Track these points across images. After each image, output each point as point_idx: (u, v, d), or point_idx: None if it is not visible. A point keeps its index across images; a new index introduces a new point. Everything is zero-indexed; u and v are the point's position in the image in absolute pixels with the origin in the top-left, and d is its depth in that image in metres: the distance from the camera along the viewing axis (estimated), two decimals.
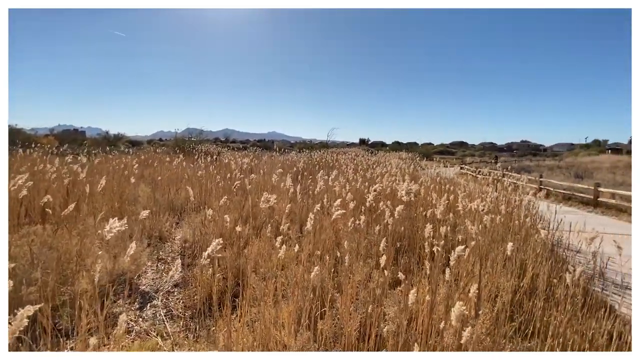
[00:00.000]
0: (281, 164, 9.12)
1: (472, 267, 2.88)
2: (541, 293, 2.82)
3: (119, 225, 1.73)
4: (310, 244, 3.48)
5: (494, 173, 9.42)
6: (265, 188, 6.84)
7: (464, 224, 3.14)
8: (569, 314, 2.40)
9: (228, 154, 14.38)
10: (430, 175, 9.16)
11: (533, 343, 2.37)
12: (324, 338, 2.06)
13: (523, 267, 3.31)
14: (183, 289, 3.44)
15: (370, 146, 61.59)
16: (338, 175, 6.10)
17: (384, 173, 7.30)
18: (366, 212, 4.79)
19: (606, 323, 2.42)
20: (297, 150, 23.19)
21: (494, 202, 4.97)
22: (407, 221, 4.49)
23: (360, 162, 11.58)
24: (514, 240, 3.69)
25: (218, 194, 5.86)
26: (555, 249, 4.51)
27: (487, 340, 2.31)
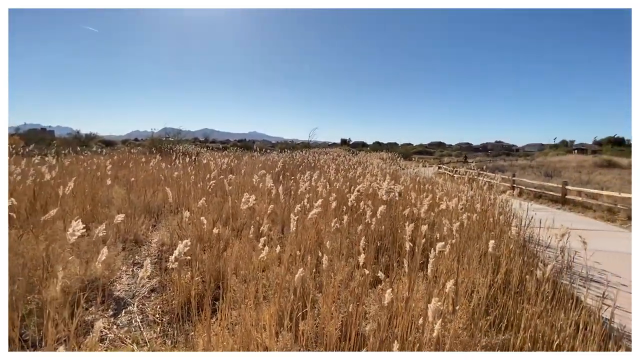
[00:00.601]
0: (262, 164, 9.02)
1: (450, 264, 2.96)
2: (514, 287, 2.94)
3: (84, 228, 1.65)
4: (292, 245, 3.47)
5: (470, 172, 9.73)
6: (246, 189, 6.75)
7: (442, 222, 3.23)
8: (539, 307, 2.51)
9: (207, 155, 14.07)
10: (410, 174, 9.34)
11: (507, 336, 2.47)
12: (306, 339, 2.06)
13: (497, 263, 3.44)
14: (160, 294, 3.34)
15: (352, 146, 62.12)
16: (320, 176, 6.12)
17: (365, 173, 7.38)
18: (348, 211, 4.83)
19: (573, 314, 2.55)
20: (278, 150, 23.04)
21: (470, 201, 5.14)
22: (387, 220, 4.56)
23: (341, 162, 11.65)
24: (489, 237, 3.83)
25: (197, 196, 5.73)
26: (527, 244, 4.73)
27: (463, 335, 2.39)
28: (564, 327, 2.40)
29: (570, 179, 13.00)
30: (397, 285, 2.63)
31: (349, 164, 10.93)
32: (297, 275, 1.78)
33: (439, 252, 2.15)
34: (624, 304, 3.26)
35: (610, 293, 3.57)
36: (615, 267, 4.65)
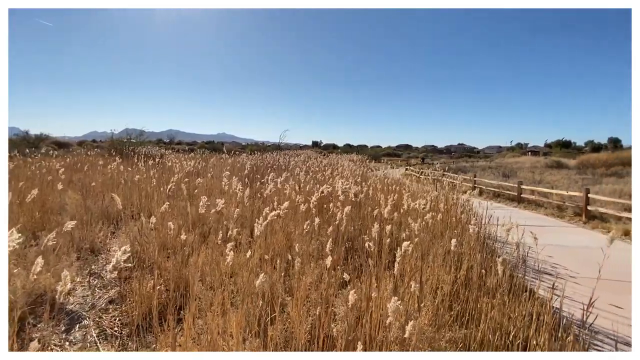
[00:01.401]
0: (231, 167, 8.81)
1: (415, 263, 3.06)
2: (474, 283, 3.09)
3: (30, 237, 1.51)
4: (261, 249, 3.41)
5: (434, 173, 10.13)
6: (213, 192, 6.56)
7: (408, 222, 3.33)
8: (497, 300, 2.66)
9: (172, 157, 13.49)
10: (378, 176, 9.56)
11: (469, 330, 2.59)
12: (274, 344, 2.03)
13: (460, 260, 3.60)
14: (120, 305, 3.14)
15: (323, 148, 62.53)
16: (289, 178, 6.08)
17: (335, 175, 7.45)
18: (317, 214, 4.84)
19: (527, 305, 2.73)
20: (248, 152, 22.62)
21: (434, 201, 5.35)
22: (357, 221, 4.63)
23: (312, 165, 11.67)
24: (452, 235, 4.01)
25: (160, 200, 5.47)
26: (487, 241, 5.00)
27: (429, 331, 2.47)
28: (519, 318, 2.56)
29: (525, 179, 13.98)
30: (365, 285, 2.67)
31: (320, 166, 10.98)
32: (258, 281, 1.75)
33: (404, 252, 2.21)
34: (572, 294, 3.55)
35: (560, 284, 3.86)
36: (564, 260, 5.04)
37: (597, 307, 3.53)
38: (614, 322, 3.19)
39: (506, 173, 18.27)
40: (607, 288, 3.96)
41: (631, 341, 2.96)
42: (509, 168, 21.19)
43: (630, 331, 3.10)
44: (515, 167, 22.45)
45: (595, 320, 3.09)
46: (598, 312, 3.36)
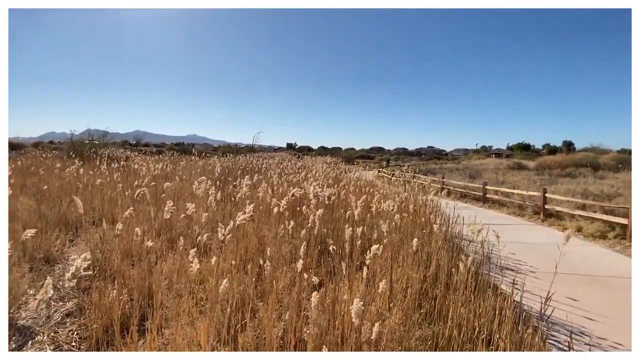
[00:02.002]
0: (201, 170, 8.54)
1: (384, 263, 3.11)
2: (442, 281, 3.20)
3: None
4: (233, 254, 3.33)
5: (405, 175, 10.40)
6: (183, 196, 6.33)
7: (379, 223, 3.39)
8: (463, 297, 2.77)
9: (139, 159, 12.87)
10: (352, 178, 9.68)
11: (438, 327, 2.67)
12: (245, 351, 1.98)
13: (429, 258, 3.72)
14: (78, 318, 2.94)
15: (298, 150, 62.36)
16: (262, 180, 6.00)
17: (309, 177, 7.45)
18: (291, 216, 4.80)
19: (492, 300, 2.86)
20: (220, 154, 22.08)
21: (405, 202, 5.49)
22: (331, 223, 4.65)
23: (286, 167, 11.60)
24: (421, 235, 4.13)
25: (124, 205, 5.20)
26: (454, 240, 5.21)
27: (400, 330, 2.52)
28: (483, 313, 2.67)
29: (489, 180, 14.71)
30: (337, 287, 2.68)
31: (294, 168, 10.93)
32: (221, 287, 1.70)
33: (374, 254, 2.24)
34: (532, 288, 3.76)
35: (521, 279, 4.09)
36: (525, 256, 5.35)
37: (554, 299, 3.77)
38: (569, 313, 3.42)
39: (472, 174, 19.14)
40: (563, 282, 4.26)
41: (585, 331, 3.20)
42: (474, 169, 22.24)
43: (584, 322, 3.35)
44: (481, 168, 23.60)
45: (552, 312, 3.30)
46: (555, 305, 3.59)
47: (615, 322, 3.32)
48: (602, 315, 3.43)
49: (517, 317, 2.73)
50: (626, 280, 4.45)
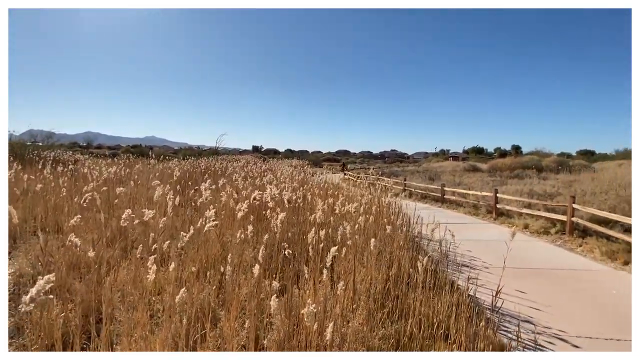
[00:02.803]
0: (160, 173, 8.11)
1: (347, 265, 3.15)
2: (404, 279, 3.31)
3: None
4: (194, 261, 3.19)
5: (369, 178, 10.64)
6: (139, 201, 5.97)
7: (344, 225, 3.43)
8: (421, 294, 2.88)
9: (90, 162, 11.92)
10: (318, 181, 9.73)
11: (400, 325, 2.75)
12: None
13: (391, 258, 3.83)
14: (15, 339, 2.64)
15: (264, 153, 61.50)
16: (225, 184, 5.83)
17: (273, 180, 7.36)
18: (256, 220, 4.71)
19: (450, 297, 3.01)
20: (181, 157, 21.14)
21: (368, 204, 5.62)
22: (297, 226, 4.62)
23: (251, 170, 11.38)
24: (384, 236, 4.24)
25: (71, 212, 4.78)
26: (415, 239, 5.42)
27: (364, 330, 2.56)
28: (441, 309, 2.80)
29: (447, 182, 15.51)
30: (300, 291, 2.67)
31: (259, 171, 10.76)
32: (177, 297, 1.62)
33: (339, 255, 2.25)
34: (486, 283, 4.01)
35: (476, 275, 4.34)
36: (480, 252, 5.69)
37: (505, 292, 4.05)
38: (518, 304, 3.70)
39: (432, 176, 20.08)
40: (513, 275, 4.59)
41: (532, 320, 3.47)
42: (434, 172, 23.36)
43: (531, 312, 3.63)
44: (439, 171, 24.85)
45: (502, 304, 3.54)
46: (506, 297, 3.86)
47: (558, 311, 3.64)
48: (547, 305, 3.74)
49: (471, 311, 2.89)
50: (566, 272, 4.90)
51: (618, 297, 4.03)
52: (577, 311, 3.64)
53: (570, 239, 6.71)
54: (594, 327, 3.28)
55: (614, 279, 4.63)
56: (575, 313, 3.60)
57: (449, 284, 3.32)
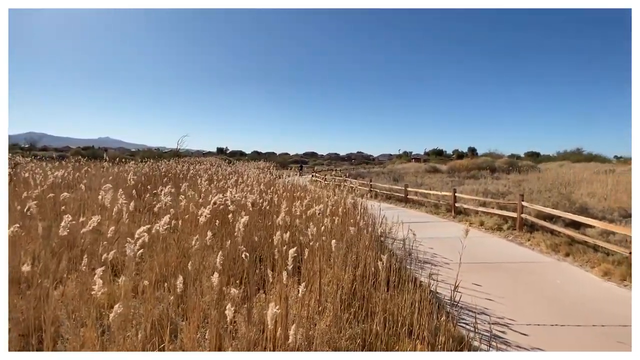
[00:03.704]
0: (114, 177, 7.58)
1: (313, 268, 3.15)
2: (370, 279, 3.37)
3: None
4: (151, 270, 3.01)
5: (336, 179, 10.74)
6: (91, 208, 5.53)
7: (310, 227, 3.43)
8: (388, 292, 2.95)
9: (32, 165, 10.84)
10: (285, 183, 9.65)
11: (366, 324, 2.79)
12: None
13: (358, 258, 3.88)
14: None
15: (230, 155, 59.89)
16: (187, 188, 5.59)
17: (240, 183, 7.19)
18: (221, 224, 4.56)
19: (413, 294, 3.11)
20: (139, 159, 19.95)
21: (335, 205, 5.68)
22: (263, 230, 4.54)
23: (216, 172, 11.02)
24: (350, 236, 4.30)
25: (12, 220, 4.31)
26: (381, 239, 5.56)
27: (331, 331, 2.56)
28: (405, 305, 2.88)
29: (410, 182, 16.14)
30: (266, 296, 2.62)
31: (223, 174, 10.45)
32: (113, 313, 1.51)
33: (307, 257, 2.24)
34: (447, 278, 4.20)
35: (437, 271, 4.53)
36: (441, 249, 5.96)
37: (463, 287, 4.27)
38: (475, 297, 3.92)
39: (396, 177, 20.80)
40: (470, 270, 4.86)
41: (487, 311, 3.69)
42: (398, 173, 24.21)
43: (487, 303, 3.86)
44: (403, 172, 25.79)
45: (461, 298, 3.73)
46: (464, 291, 4.07)
47: (509, 301, 3.90)
48: (500, 297, 4.00)
49: (433, 306, 3.01)
50: (517, 265, 5.28)
51: (561, 286, 4.41)
52: (526, 301, 3.94)
53: (520, 234, 7.25)
54: (541, 316, 3.56)
55: (557, 270, 5.07)
56: (524, 303, 3.88)
57: (412, 281, 3.43)
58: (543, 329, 3.29)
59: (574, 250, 5.68)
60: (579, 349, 2.96)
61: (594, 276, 4.77)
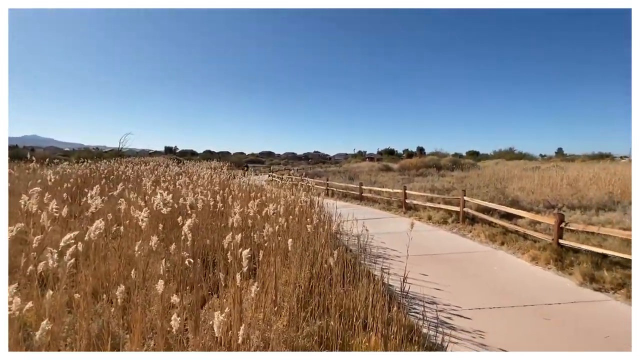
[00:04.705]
0: (42, 180, 6.75)
1: (271, 268, 3.11)
2: (326, 276, 3.42)
3: None
4: (88, 281, 2.73)
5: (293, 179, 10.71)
6: (13, 215, 4.87)
7: (265, 227, 3.37)
8: (343, 288, 3.01)
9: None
10: (240, 183, 9.38)
11: (324, 320, 2.82)
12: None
13: (314, 257, 3.91)
14: None
15: (179, 155, 56.68)
16: (129, 190, 5.17)
17: (188, 183, 6.83)
18: (170, 228, 4.29)
19: (368, 287, 3.21)
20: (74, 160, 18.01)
21: (292, 204, 5.66)
22: (217, 232, 4.37)
23: (162, 173, 10.34)
24: (307, 235, 4.32)
25: None
26: (337, 236, 5.67)
27: (289, 331, 2.55)
28: (359, 299, 2.97)
29: (364, 181, 16.67)
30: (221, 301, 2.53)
31: (171, 174, 9.86)
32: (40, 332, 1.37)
33: (263, 258, 2.20)
34: (398, 271, 4.41)
35: (389, 264, 4.74)
36: (393, 243, 6.24)
37: (414, 277, 4.51)
38: (424, 287, 4.17)
39: (351, 176, 21.37)
40: (420, 261, 5.17)
41: (435, 300, 3.95)
42: (353, 172, 24.89)
43: (434, 292, 4.12)
44: (358, 171, 26.58)
45: (411, 289, 3.95)
46: (415, 282, 4.30)
47: (454, 289, 4.21)
48: (446, 285, 4.30)
49: (385, 298, 3.14)
50: (460, 255, 5.72)
51: (498, 272, 4.87)
52: (469, 288, 4.28)
53: (463, 226, 7.87)
54: (482, 300, 3.90)
55: (494, 258, 5.59)
56: (467, 290, 4.22)
57: (367, 276, 3.55)
58: (483, 312, 3.60)
59: (508, 239, 6.31)
60: (512, 327, 3.30)
61: (524, 261, 5.34)
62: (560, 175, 13.60)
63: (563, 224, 5.28)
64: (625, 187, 10.12)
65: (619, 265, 4.55)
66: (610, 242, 5.13)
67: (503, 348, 2.91)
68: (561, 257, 5.02)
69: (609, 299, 3.94)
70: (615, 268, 4.48)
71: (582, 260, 4.72)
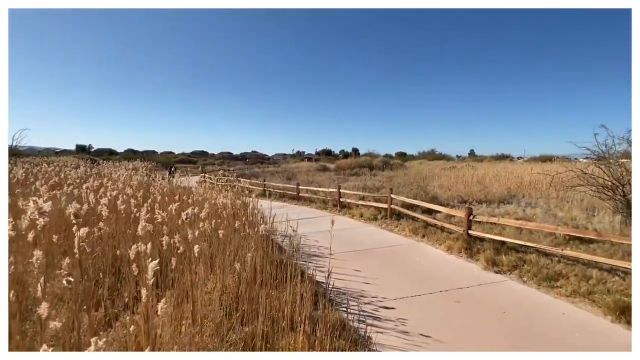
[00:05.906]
0: None
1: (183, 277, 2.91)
2: (257, 279, 3.32)
3: None
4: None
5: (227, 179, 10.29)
6: None
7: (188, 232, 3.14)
8: (274, 289, 2.96)
9: None
10: (166, 185, 8.64)
11: (254, 325, 2.73)
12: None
13: (245, 260, 3.78)
14: None
15: (95, 154, 50.27)
16: (18, 195, 4.37)
17: (100, 186, 6.05)
18: (65, 238, 3.72)
19: (300, 287, 3.21)
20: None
21: (220, 207, 5.40)
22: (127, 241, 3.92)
23: (69, 175, 8.99)
24: (238, 239, 4.16)
25: None
26: (271, 237, 5.57)
27: (213, 342, 2.41)
28: (287, 300, 2.95)
29: (302, 181, 16.81)
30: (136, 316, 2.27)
31: (81, 176, 8.64)
32: None
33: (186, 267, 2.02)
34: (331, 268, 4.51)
35: (322, 262, 4.82)
36: (327, 241, 6.37)
37: (345, 273, 4.66)
38: (354, 282, 4.34)
39: (289, 176, 21.37)
40: (352, 257, 5.37)
41: (364, 293, 4.13)
42: (291, 172, 24.93)
43: (364, 286, 4.30)
44: (296, 171, 26.71)
45: (344, 284, 4.06)
46: (346, 277, 4.45)
47: (382, 282, 4.46)
48: (374, 279, 4.53)
49: (315, 297, 3.18)
50: (387, 249, 6.10)
51: (419, 262, 5.31)
52: (394, 279, 4.59)
53: (391, 222, 8.43)
54: (405, 289, 4.20)
55: (416, 250, 6.09)
56: (393, 281, 4.51)
57: (299, 275, 3.55)
58: (405, 300, 3.88)
59: (428, 232, 6.94)
60: (429, 312, 3.62)
61: (441, 251, 5.92)
62: (471, 173, 15.48)
63: (472, 217, 6.00)
64: (519, 183, 11.98)
65: (513, 250, 5.33)
66: (508, 230, 6.00)
67: (423, 333, 3.17)
68: (470, 245, 5.69)
69: (506, 279, 4.59)
70: (511, 252, 5.24)
71: (486, 247, 5.42)
